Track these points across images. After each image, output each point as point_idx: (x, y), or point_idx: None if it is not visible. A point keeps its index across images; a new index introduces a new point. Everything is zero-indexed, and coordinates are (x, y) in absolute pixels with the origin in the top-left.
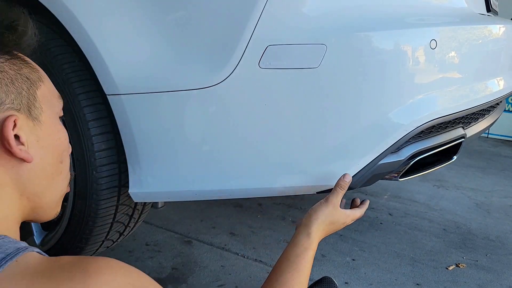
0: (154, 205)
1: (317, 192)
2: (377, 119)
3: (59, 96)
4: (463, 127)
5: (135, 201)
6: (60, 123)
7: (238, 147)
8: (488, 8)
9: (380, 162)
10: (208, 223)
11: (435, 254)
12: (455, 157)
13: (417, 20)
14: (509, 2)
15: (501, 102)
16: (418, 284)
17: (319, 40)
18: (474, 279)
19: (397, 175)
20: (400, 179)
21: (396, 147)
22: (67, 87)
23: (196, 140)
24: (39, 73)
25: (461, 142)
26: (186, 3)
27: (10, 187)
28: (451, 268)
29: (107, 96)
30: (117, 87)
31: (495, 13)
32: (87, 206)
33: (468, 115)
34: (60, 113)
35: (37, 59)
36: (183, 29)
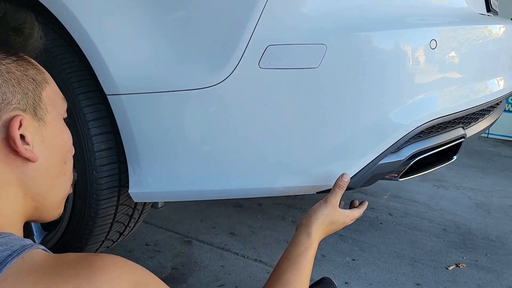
0: (154, 205)
1: (317, 192)
2: (377, 119)
3: (63, 98)
4: (463, 127)
5: (135, 201)
6: (64, 124)
7: (238, 147)
8: (488, 8)
9: (380, 162)
10: (208, 223)
11: (435, 254)
12: (455, 157)
13: (417, 20)
14: (509, 2)
15: (501, 102)
16: (418, 284)
17: (319, 40)
18: (474, 279)
19: (397, 175)
20: (400, 179)
21: (396, 147)
22: (67, 87)
23: (196, 140)
24: (44, 75)
25: (461, 142)
26: (186, 3)
27: (15, 187)
28: (451, 268)
29: (107, 96)
30: (117, 87)
31: (495, 13)
32: (87, 206)
33: (468, 115)
34: (64, 114)
35: (41, 62)
36: (183, 29)
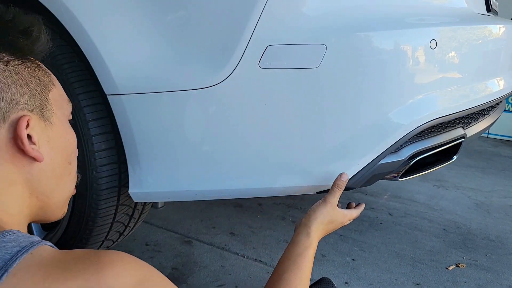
0: (154, 205)
1: (317, 192)
2: (377, 119)
3: (69, 101)
4: (463, 127)
5: (135, 201)
6: (69, 126)
7: (238, 147)
8: (488, 8)
9: (380, 162)
10: (208, 223)
11: (435, 254)
12: (455, 157)
13: (417, 20)
14: (509, 2)
15: (501, 102)
16: (418, 284)
17: (319, 40)
18: (474, 279)
19: (397, 175)
20: (400, 179)
21: (396, 147)
22: (67, 87)
23: (196, 140)
24: (51, 77)
25: (461, 142)
26: (186, 3)
27: (21, 186)
28: (451, 268)
29: (107, 96)
30: (117, 87)
31: (495, 13)
32: (87, 206)
33: (468, 115)
34: (69, 116)
35: (47, 65)
36: (183, 29)
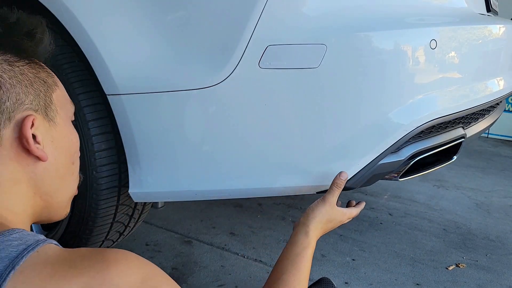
0: (154, 205)
1: (317, 192)
2: (377, 119)
3: (71, 102)
4: (463, 127)
5: (135, 201)
6: (72, 126)
7: (238, 147)
8: (488, 8)
9: (380, 162)
10: (208, 223)
11: (435, 254)
12: (455, 157)
13: (417, 20)
14: (509, 2)
15: (501, 102)
16: (418, 284)
17: (319, 40)
18: (474, 279)
19: (397, 175)
20: (400, 179)
21: (396, 147)
22: (67, 87)
23: (196, 140)
24: (54, 78)
25: (461, 142)
26: (186, 3)
27: (25, 185)
28: (451, 268)
29: (107, 96)
30: (117, 87)
31: (495, 13)
32: (87, 206)
33: (468, 115)
34: (72, 117)
35: (48, 66)
36: (183, 29)
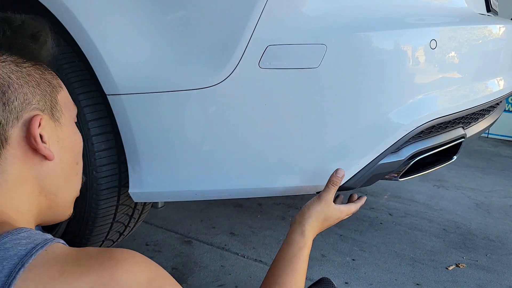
0: (154, 205)
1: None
2: (377, 119)
3: (74, 104)
4: (463, 127)
5: (135, 201)
6: (76, 127)
7: (238, 147)
8: (488, 8)
9: (380, 162)
10: (208, 223)
11: (435, 254)
12: (455, 157)
13: (417, 20)
14: (509, 2)
15: (501, 102)
16: (418, 284)
17: (319, 40)
18: (474, 279)
19: (397, 175)
20: (400, 179)
21: (396, 147)
22: (67, 87)
23: (196, 140)
24: (58, 80)
25: (461, 142)
26: (186, 3)
27: (31, 184)
28: (451, 268)
29: (107, 96)
30: (117, 87)
31: (495, 13)
32: (87, 206)
33: (468, 115)
34: (75, 118)
35: (52, 69)
36: (183, 29)
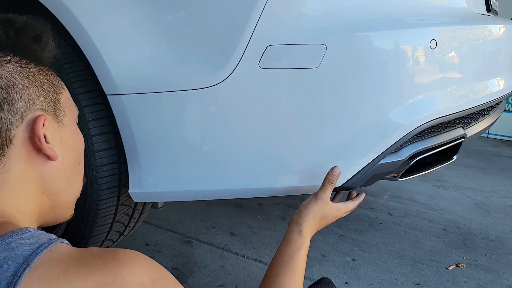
0: (154, 205)
1: None
2: (377, 119)
3: (75, 105)
4: (463, 127)
5: (135, 201)
6: (78, 128)
7: (238, 147)
8: (488, 8)
9: (380, 162)
10: (208, 223)
11: (435, 254)
12: (455, 157)
13: (417, 20)
14: (509, 2)
15: (501, 102)
16: (418, 284)
17: (319, 40)
18: (474, 279)
19: (397, 175)
20: (400, 179)
21: (396, 147)
22: (67, 87)
23: (196, 140)
24: (60, 81)
25: (461, 142)
26: (186, 3)
27: (34, 184)
28: (451, 268)
29: (107, 96)
30: (117, 87)
31: (495, 13)
32: (87, 206)
33: (468, 115)
34: (76, 119)
35: (54, 70)
36: (183, 29)
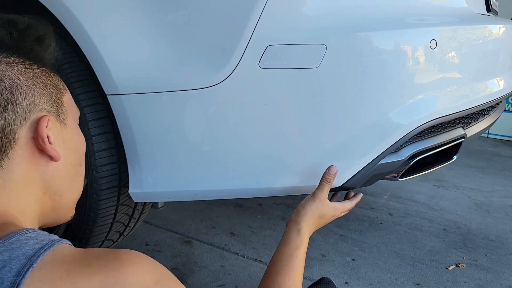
0: (154, 205)
1: None
2: (377, 119)
3: (76, 107)
4: (463, 127)
5: (135, 201)
6: (79, 129)
7: (238, 147)
8: (488, 8)
9: (380, 162)
10: (208, 223)
11: (435, 254)
12: (455, 157)
13: (417, 20)
14: (509, 2)
15: (501, 102)
16: (418, 284)
17: (319, 40)
18: (474, 279)
19: (397, 175)
20: (400, 179)
21: (396, 147)
22: (67, 87)
23: (196, 140)
24: (62, 82)
25: (461, 142)
26: (186, 3)
27: (37, 184)
28: (451, 268)
29: (107, 96)
30: (117, 87)
31: (495, 13)
32: (87, 206)
33: (468, 115)
34: (78, 121)
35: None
36: (183, 29)
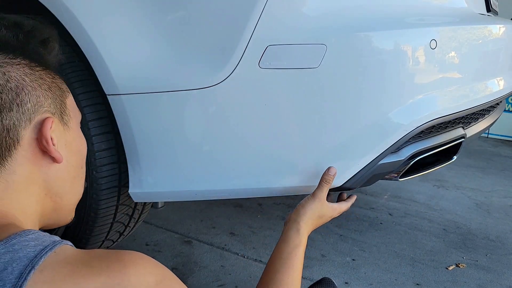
0: (154, 205)
1: None
2: (377, 119)
3: (79, 110)
4: (463, 127)
5: (135, 201)
6: (81, 132)
7: (238, 147)
8: (488, 8)
9: (380, 162)
10: (208, 223)
11: (435, 254)
12: (455, 157)
13: (417, 20)
14: (509, 2)
15: (501, 102)
16: (418, 284)
17: (319, 40)
18: (474, 279)
19: (397, 175)
20: (400, 179)
21: (396, 147)
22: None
23: (196, 140)
24: (65, 85)
25: (461, 142)
26: (186, 3)
27: (38, 185)
28: (451, 268)
29: (107, 96)
30: (117, 87)
31: (495, 13)
32: (87, 206)
33: (468, 115)
34: (79, 124)
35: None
36: (183, 29)
